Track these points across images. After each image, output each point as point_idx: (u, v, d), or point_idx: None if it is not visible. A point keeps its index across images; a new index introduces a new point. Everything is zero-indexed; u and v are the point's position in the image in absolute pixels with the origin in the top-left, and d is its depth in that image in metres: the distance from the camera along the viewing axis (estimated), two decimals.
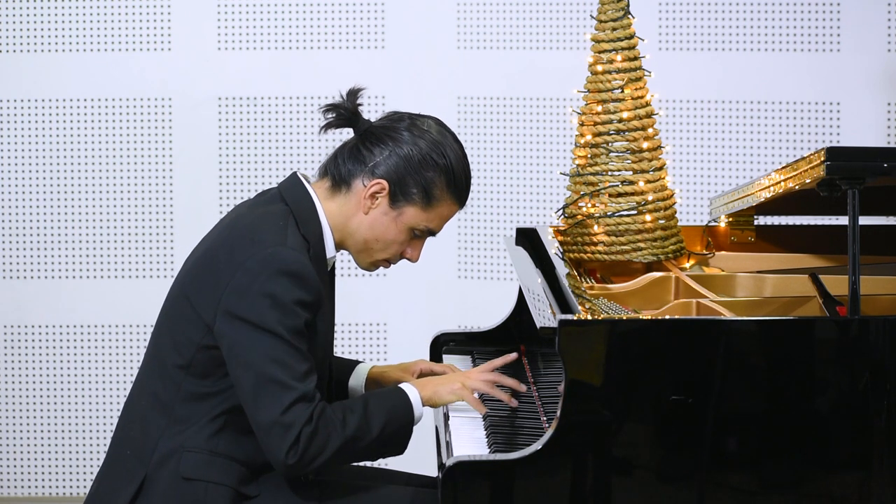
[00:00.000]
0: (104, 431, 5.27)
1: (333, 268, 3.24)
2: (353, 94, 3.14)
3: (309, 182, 3.15)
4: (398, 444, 3.07)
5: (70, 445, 5.30)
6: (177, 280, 3.13)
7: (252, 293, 2.96)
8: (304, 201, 3.11)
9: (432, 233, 3.16)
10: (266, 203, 3.14)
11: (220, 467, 3.03)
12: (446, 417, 3.28)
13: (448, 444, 3.14)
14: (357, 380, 3.39)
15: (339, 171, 3.12)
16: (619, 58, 3.71)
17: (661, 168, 3.74)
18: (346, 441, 2.97)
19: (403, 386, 3.11)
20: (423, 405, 3.09)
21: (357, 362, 3.44)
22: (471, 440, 3.11)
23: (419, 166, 3.09)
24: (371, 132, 3.12)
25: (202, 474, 3.02)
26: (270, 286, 2.96)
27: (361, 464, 3.26)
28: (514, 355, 3.28)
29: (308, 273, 2.99)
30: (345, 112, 3.13)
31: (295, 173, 3.15)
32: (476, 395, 3.15)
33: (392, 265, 3.21)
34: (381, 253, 3.15)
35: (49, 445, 5.30)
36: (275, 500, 3.05)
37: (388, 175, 3.08)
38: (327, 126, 3.14)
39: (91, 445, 5.29)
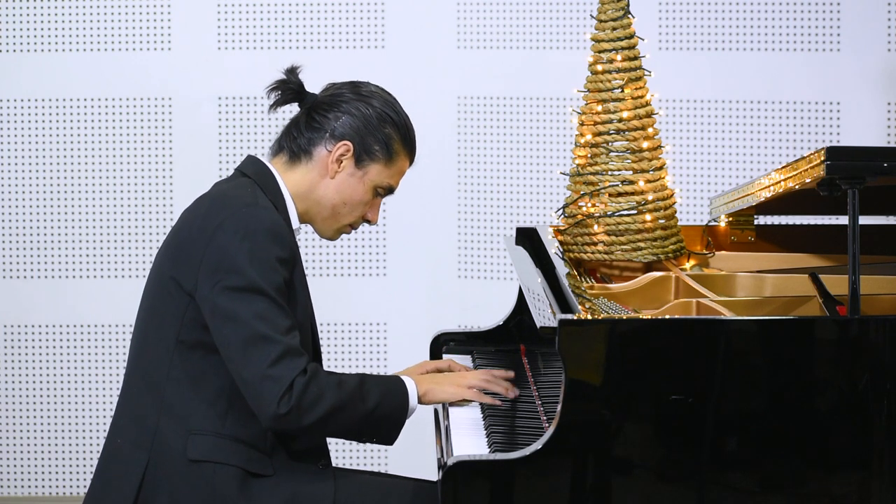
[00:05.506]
0: (104, 431, 5.26)
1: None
2: (294, 71, 3.21)
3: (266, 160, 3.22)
4: (389, 429, 3.09)
5: (70, 445, 5.30)
6: (152, 269, 3.17)
7: (231, 253, 2.99)
8: (266, 174, 3.17)
9: (392, 190, 3.23)
10: (227, 181, 3.20)
11: (228, 449, 3.03)
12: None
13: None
14: None
15: (296, 143, 3.18)
16: (619, 57, 3.71)
17: (661, 168, 3.74)
18: (340, 402, 2.99)
19: (403, 377, 3.15)
20: (420, 401, 3.14)
21: None
22: (471, 440, 3.11)
23: (378, 124, 3.17)
24: (320, 102, 3.20)
25: (210, 456, 3.03)
26: (248, 245, 2.99)
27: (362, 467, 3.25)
28: (511, 373, 3.35)
29: (283, 230, 3.04)
30: (293, 87, 3.20)
31: (251, 155, 3.21)
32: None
33: (354, 231, 3.27)
34: (348, 217, 3.20)
35: (49, 445, 5.30)
36: (290, 480, 3.05)
37: (351, 136, 3.16)
38: (276, 104, 3.21)
39: (91, 445, 5.29)
